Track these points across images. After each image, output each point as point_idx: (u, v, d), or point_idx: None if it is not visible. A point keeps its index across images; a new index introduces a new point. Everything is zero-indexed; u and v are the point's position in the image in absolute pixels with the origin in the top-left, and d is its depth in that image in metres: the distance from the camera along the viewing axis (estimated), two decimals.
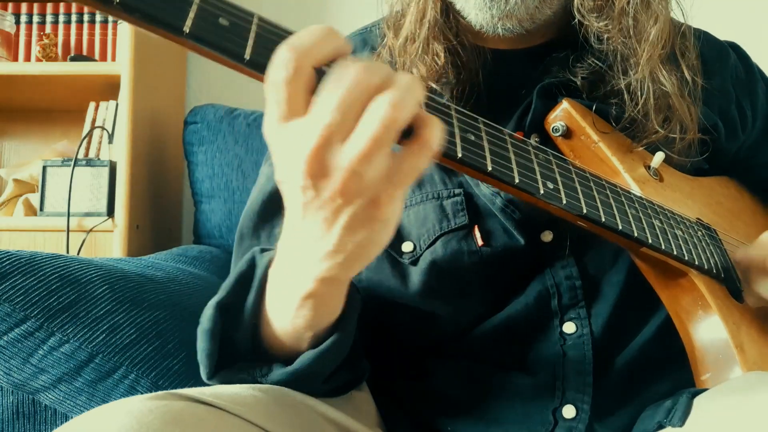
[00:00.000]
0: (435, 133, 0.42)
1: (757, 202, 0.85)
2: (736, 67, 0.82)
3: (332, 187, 0.41)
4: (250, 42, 0.40)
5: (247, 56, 0.40)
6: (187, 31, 0.38)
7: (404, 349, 0.74)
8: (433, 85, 0.67)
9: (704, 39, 0.78)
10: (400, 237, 0.69)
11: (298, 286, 0.50)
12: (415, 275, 0.68)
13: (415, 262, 0.68)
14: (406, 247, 0.68)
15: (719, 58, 0.80)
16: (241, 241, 0.75)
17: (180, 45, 0.40)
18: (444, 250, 0.67)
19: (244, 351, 0.58)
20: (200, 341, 0.58)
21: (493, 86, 0.70)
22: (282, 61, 0.39)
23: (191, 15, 0.38)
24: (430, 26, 0.68)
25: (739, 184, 0.83)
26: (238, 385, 0.56)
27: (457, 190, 0.68)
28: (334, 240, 0.43)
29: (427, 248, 0.67)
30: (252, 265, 0.59)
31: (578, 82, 0.69)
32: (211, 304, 0.58)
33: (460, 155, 0.48)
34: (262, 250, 0.60)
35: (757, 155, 0.84)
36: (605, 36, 0.67)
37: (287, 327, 0.55)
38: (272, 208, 0.73)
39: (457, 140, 0.48)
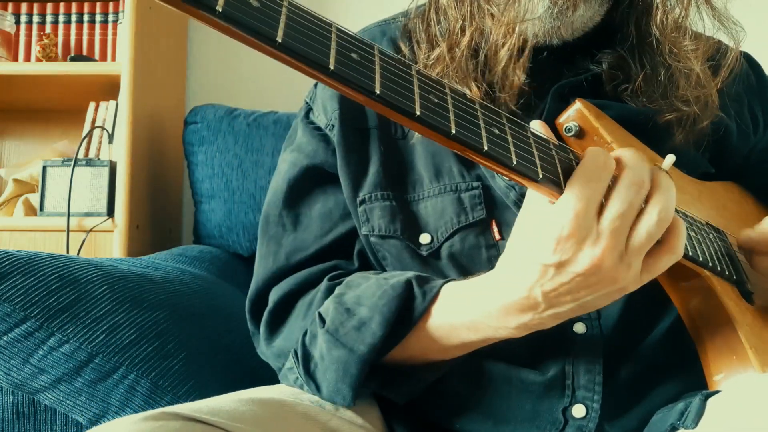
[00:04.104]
0: (681, 241, 0.52)
1: (760, 207, 0.84)
2: (747, 74, 0.82)
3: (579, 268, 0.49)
4: (281, 25, 0.40)
5: (279, 39, 0.39)
6: (220, 10, 0.37)
7: None
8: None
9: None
10: (417, 228, 0.69)
11: (488, 333, 0.58)
12: (434, 267, 0.69)
13: (432, 254, 0.69)
14: (424, 238, 0.69)
15: None
16: (267, 227, 0.76)
17: (211, 26, 0.39)
18: (462, 244, 0.68)
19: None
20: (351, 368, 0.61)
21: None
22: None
23: None
24: (509, 51, 0.64)
25: (742, 189, 0.83)
26: (236, 400, 0.56)
27: (475, 183, 0.68)
28: (562, 311, 0.52)
29: (444, 241, 0.68)
30: (406, 297, 0.62)
31: (602, 71, 0.69)
32: (376, 336, 0.61)
33: (485, 148, 0.47)
34: (418, 280, 0.63)
35: None
36: (683, 54, 0.68)
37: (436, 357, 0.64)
38: (297, 194, 0.74)
39: (483, 133, 0.47)
